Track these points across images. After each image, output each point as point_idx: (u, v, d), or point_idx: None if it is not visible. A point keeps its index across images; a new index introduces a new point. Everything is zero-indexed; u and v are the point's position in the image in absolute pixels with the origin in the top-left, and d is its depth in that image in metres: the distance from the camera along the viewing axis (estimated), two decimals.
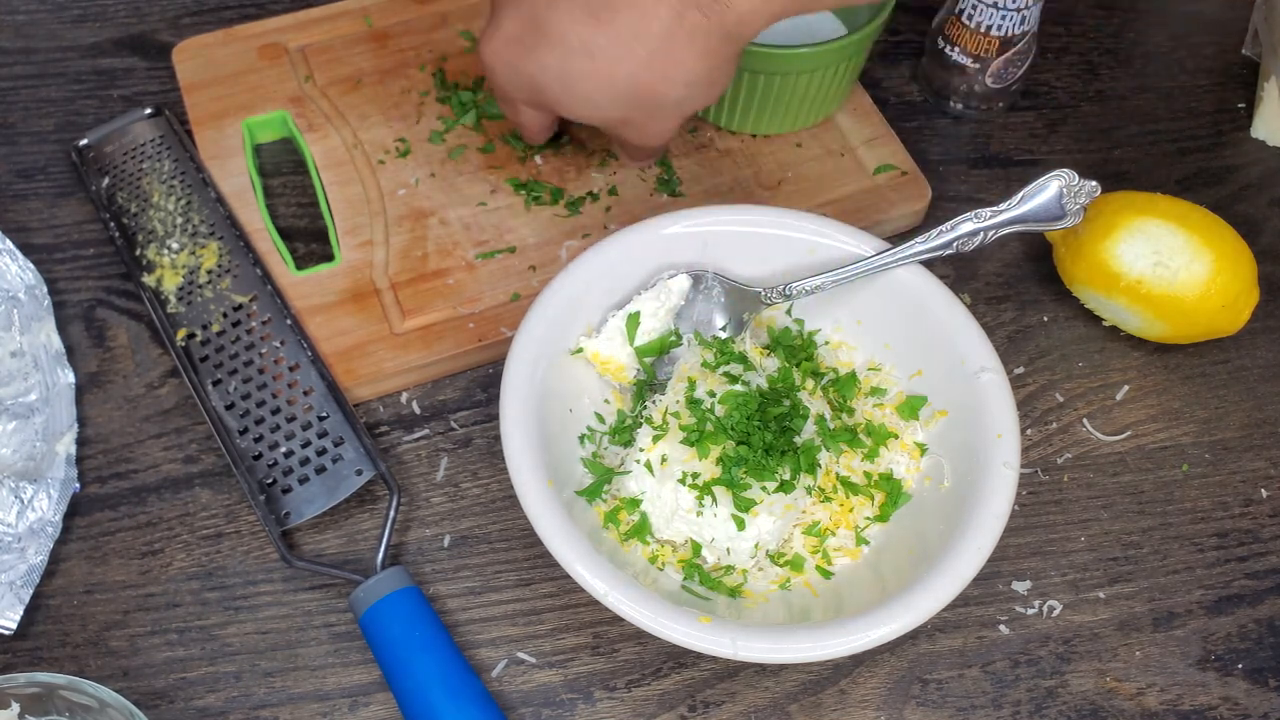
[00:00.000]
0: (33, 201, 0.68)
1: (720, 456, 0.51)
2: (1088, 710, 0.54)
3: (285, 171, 0.70)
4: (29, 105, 0.72)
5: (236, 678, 0.54)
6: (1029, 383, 0.63)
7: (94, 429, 0.60)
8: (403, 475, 0.60)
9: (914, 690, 0.54)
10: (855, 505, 0.54)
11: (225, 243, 0.64)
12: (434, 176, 0.68)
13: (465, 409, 0.62)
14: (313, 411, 0.59)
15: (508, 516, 0.59)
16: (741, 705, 0.54)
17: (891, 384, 0.58)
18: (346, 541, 0.58)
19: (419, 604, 0.53)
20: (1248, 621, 0.57)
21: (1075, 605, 0.57)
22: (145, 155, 0.68)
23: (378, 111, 0.70)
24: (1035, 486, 0.60)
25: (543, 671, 0.54)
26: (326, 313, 0.63)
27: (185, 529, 0.58)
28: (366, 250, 0.65)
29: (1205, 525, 0.59)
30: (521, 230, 0.66)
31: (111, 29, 0.76)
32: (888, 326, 0.58)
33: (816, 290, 0.57)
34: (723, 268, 0.59)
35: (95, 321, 0.64)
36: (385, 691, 0.54)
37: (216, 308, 0.62)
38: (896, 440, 0.56)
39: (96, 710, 0.48)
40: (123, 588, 0.56)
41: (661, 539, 0.53)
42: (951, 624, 0.56)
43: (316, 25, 0.74)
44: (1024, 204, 0.56)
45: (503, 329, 0.62)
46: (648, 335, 0.58)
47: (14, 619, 0.54)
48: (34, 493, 0.56)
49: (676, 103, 0.54)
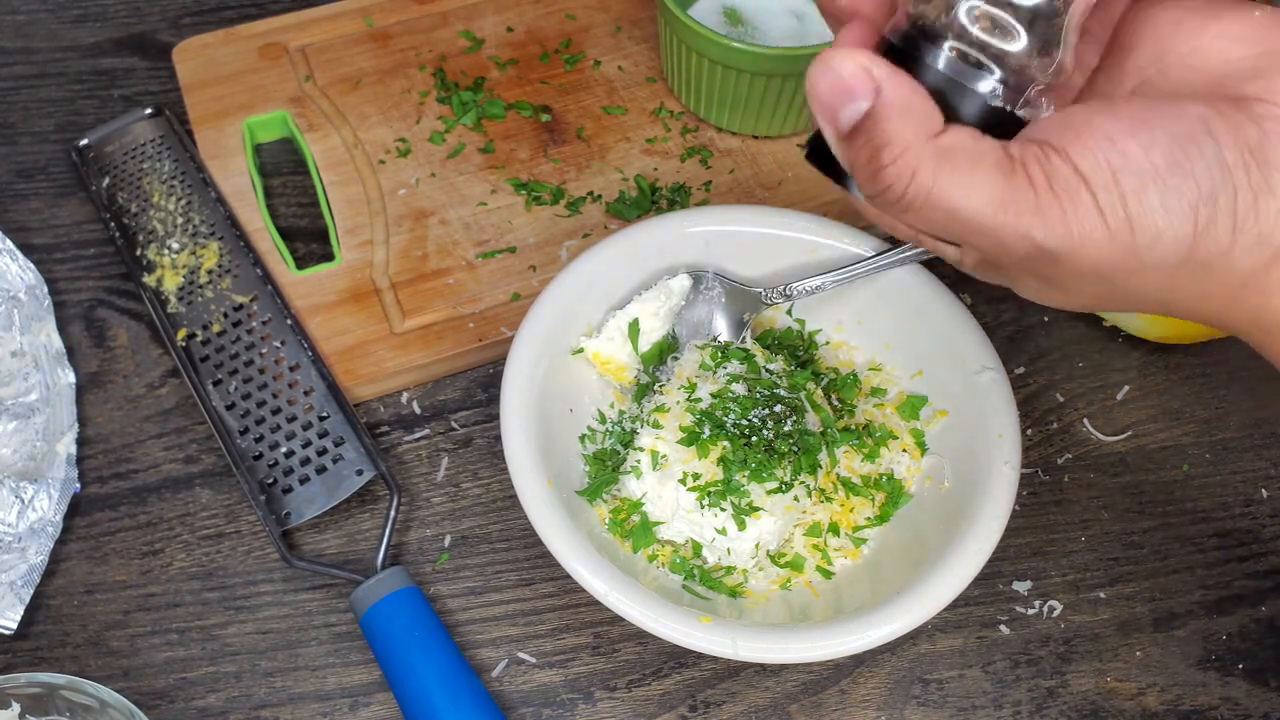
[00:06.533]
0: (33, 201, 0.68)
1: (721, 457, 0.51)
2: (1088, 710, 0.54)
3: (285, 171, 0.70)
4: (29, 105, 0.72)
5: (237, 678, 0.54)
6: (1029, 383, 0.63)
7: (94, 429, 0.60)
8: (403, 475, 0.60)
9: (914, 690, 0.54)
10: (855, 505, 0.54)
11: (225, 243, 0.64)
12: (434, 176, 0.68)
13: (466, 409, 0.62)
14: (313, 411, 0.59)
15: (508, 516, 0.59)
16: (742, 705, 0.54)
17: (892, 384, 0.58)
18: (347, 541, 0.58)
19: (419, 604, 0.53)
20: (1248, 622, 0.57)
21: (1075, 605, 0.57)
22: (145, 155, 0.68)
23: (378, 111, 0.70)
24: (1035, 486, 0.60)
25: (543, 671, 0.54)
26: (327, 313, 0.63)
27: (185, 529, 0.58)
28: (366, 250, 0.65)
29: (1206, 525, 0.59)
30: (522, 230, 0.66)
31: (111, 29, 0.76)
32: (888, 326, 0.58)
33: (817, 290, 0.57)
34: (723, 268, 0.59)
35: (95, 321, 0.64)
36: (386, 691, 0.54)
37: (217, 308, 0.62)
38: (897, 440, 0.56)
39: (97, 710, 0.48)
40: (123, 588, 0.56)
41: (662, 539, 0.53)
42: (952, 624, 0.56)
43: (316, 25, 0.74)
44: None
45: (503, 329, 0.62)
46: (648, 335, 0.58)
47: (14, 619, 0.54)
48: (34, 493, 0.56)
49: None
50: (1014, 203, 0.34)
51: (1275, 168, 0.33)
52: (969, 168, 0.34)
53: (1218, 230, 0.34)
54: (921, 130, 0.34)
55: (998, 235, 0.35)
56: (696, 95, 0.69)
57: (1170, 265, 0.34)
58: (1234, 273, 0.35)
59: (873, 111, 0.34)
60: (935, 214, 0.35)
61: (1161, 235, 0.34)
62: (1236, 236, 0.34)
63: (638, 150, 0.69)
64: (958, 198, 0.34)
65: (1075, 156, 0.33)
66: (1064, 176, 0.34)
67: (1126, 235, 0.34)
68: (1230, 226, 0.34)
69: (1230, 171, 0.33)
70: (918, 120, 0.34)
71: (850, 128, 0.35)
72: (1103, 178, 0.33)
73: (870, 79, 0.34)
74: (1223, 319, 0.37)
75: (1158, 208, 0.33)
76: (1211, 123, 0.33)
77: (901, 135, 0.34)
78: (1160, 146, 0.33)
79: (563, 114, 0.71)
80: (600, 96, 0.71)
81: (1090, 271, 0.35)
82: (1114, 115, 0.34)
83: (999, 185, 0.34)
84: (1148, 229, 0.33)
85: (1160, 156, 0.33)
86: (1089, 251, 0.34)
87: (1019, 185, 0.34)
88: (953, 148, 0.34)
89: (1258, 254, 0.34)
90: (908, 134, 0.34)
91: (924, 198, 0.35)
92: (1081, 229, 0.34)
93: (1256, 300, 0.35)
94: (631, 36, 0.74)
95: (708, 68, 0.66)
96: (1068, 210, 0.34)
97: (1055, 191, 0.34)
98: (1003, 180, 0.34)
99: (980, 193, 0.34)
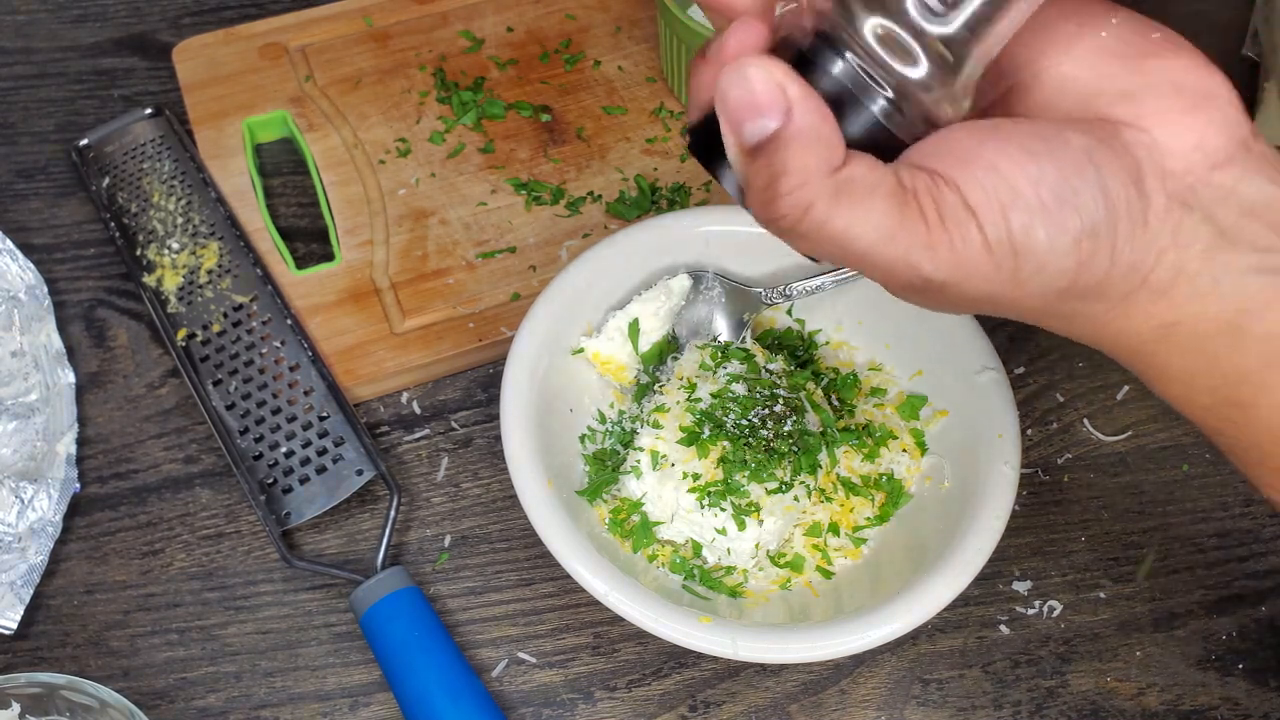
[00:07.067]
0: (33, 201, 0.68)
1: (721, 457, 0.51)
2: (1088, 710, 0.54)
3: (285, 171, 0.70)
4: (29, 105, 0.72)
5: (237, 678, 0.54)
6: (1029, 383, 0.63)
7: (94, 429, 0.60)
8: (403, 475, 0.60)
9: (914, 690, 0.54)
10: (855, 505, 0.54)
11: (225, 243, 0.64)
12: (434, 176, 0.68)
13: (466, 409, 0.62)
14: (313, 411, 0.59)
15: (508, 516, 0.59)
16: (742, 705, 0.54)
17: (892, 384, 0.58)
18: (347, 541, 0.58)
19: (419, 604, 0.53)
20: (1248, 621, 0.57)
21: (1075, 605, 0.57)
22: (145, 155, 0.68)
23: (378, 111, 0.70)
24: (1035, 486, 0.60)
25: (543, 671, 0.54)
26: (326, 312, 0.63)
27: (185, 529, 0.58)
28: (366, 250, 0.65)
29: (1206, 525, 0.59)
30: (522, 230, 0.66)
31: (111, 29, 0.76)
32: (888, 326, 0.58)
33: (817, 290, 0.57)
34: (723, 268, 0.59)
35: (95, 321, 0.64)
36: (386, 691, 0.54)
37: (217, 308, 0.62)
38: (897, 440, 0.56)
39: (97, 710, 0.48)
40: (123, 588, 0.56)
41: (662, 539, 0.53)
42: (952, 624, 0.56)
43: (317, 25, 0.74)
44: None
45: (503, 329, 0.62)
46: (648, 335, 0.58)
47: (14, 619, 0.54)
48: (34, 493, 0.56)
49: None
50: (905, 236, 0.34)
51: (1149, 197, 0.34)
52: (864, 199, 0.34)
53: (1097, 261, 0.34)
54: (824, 163, 0.33)
55: (888, 267, 0.35)
56: None
57: (1050, 293, 0.35)
58: (1106, 299, 0.36)
59: (779, 135, 0.33)
60: (825, 245, 0.35)
61: (1045, 268, 0.34)
62: (1113, 266, 0.34)
63: (638, 150, 0.69)
64: (853, 232, 0.34)
65: (965, 189, 0.33)
66: (954, 209, 0.34)
67: (1011, 267, 0.34)
68: (1108, 257, 0.34)
69: (1113, 201, 0.34)
70: (822, 152, 0.33)
71: (754, 145, 0.34)
72: (991, 213, 0.33)
73: (783, 98, 0.33)
74: (1095, 339, 0.38)
75: (1043, 242, 0.34)
76: (1095, 153, 0.34)
77: (803, 166, 0.33)
78: (1048, 180, 0.33)
79: (563, 114, 0.71)
80: (600, 96, 0.71)
81: (973, 297, 0.35)
82: (1001, 144, 0.34)
83: (892, 218, 0.34)
84: (1032, 262, 0.34)
85: (1048, 191, 0.33)
86: (975, 282, 0.34)
87: (911, 219, 0.34)
88: (850, 180, 0.34)
89: (1129, 281, 0.35)
90: (810, 165, 0.33)
91: (816, 230, 0.34)
92: (969, 262, 0.34)
93: (1121, 324, 0.36)
94: (631, 36, 0.74)
95: None
96: (956, 243, 0.34)
97: (946, 225, 0.34)
98: (896, 212, 0.34)
99: (872, 227, 0.34)
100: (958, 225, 0.33)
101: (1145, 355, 0.38)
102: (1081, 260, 0.34)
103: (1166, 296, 0.35)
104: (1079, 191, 0.33)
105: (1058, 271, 0.34)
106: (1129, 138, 0.34)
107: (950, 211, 0.33)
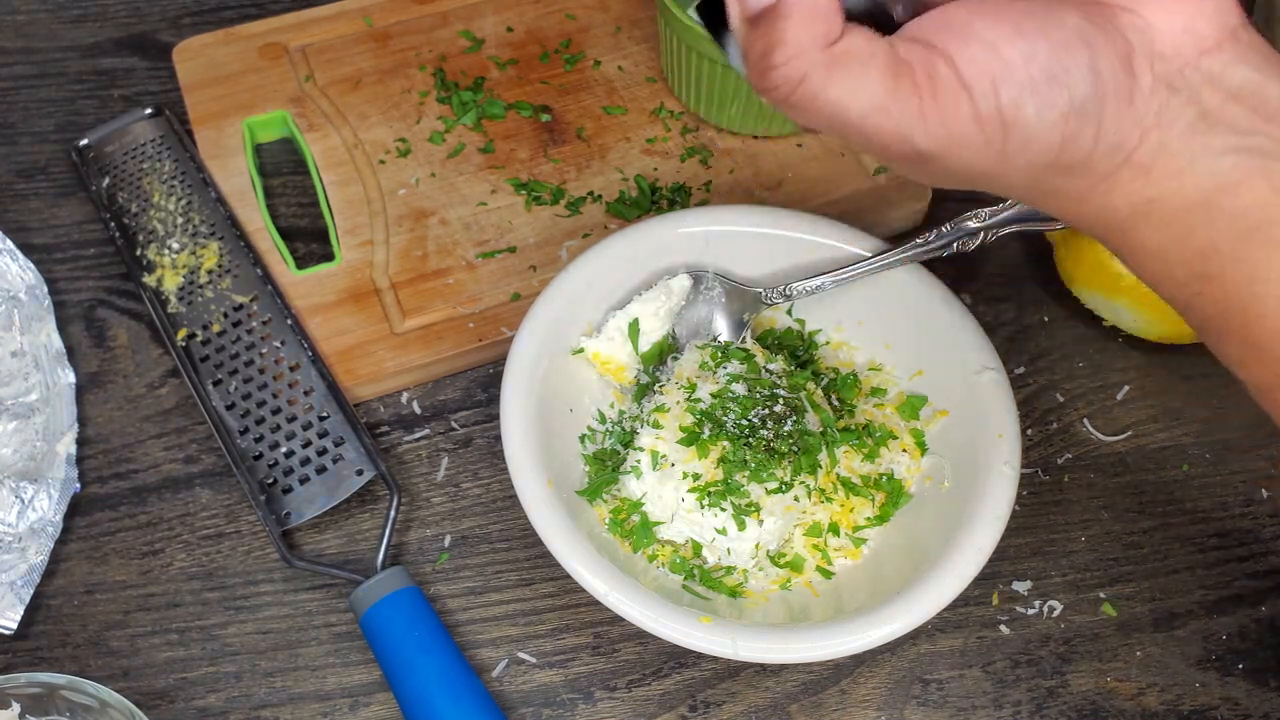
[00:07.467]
0: (33, 201, 0.68)
1: (721, 457, 0.51)
2: (1088, 710, 0.54)
3: (285, 171, 0.70)
4: (29, 105, 0.72)
5: (237, 678, 0.54)
6: (1029, 383, 0.63)
7: (94, 429, 0.60)
8: (403, 475, 0.60)
9: (914, 690, 0.54)
10: (855, 506, 0.54)
11: (225, 243, 0.64)
12: (434, 176, 0.68)
13: (466, 409, 0.62)
14: (313, 411, 0.59)
15: (508, 516, 0.59)
16: (742, 705, 0.54)
17: (892, 384, 0.58)
18: (347, 541, 0.58)
19: (419, 604, 0.53)
20: (1248, 622, 0.57)
21: (1075, 605, 0.57)
22: (145, 155, 0.68)
23: (378, 111, 0.70)
24: (1035, 486, 0.60)
25: (543, 671, 0.54)
26: (326, 312, 0.63)
27: (185, 529, 0.58)
28: (366, 250, 0.65)
29: (1206, 525, 0.59)
30: (522, 230, 0.66)
31: (111, 29, 0.76)
32: (888, 326, 0.58)
33: (817, 290, 0.57)
34: (723, 268, 0.59)
35: (95, 321, 0.64)
36: (386, 691, 0.54)
37: (217, 308, 0.62)
38: (897, 440, 0.56)
39: (97, 710, 0.48)
40: (123, 588, 0.56)
41: (662, 539, 0.53)
42: (952, 624, 0.56)
43: (316, 25, 0.74)
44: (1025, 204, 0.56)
45: (503, 329, 0.62)
46: (648, 335, 0.58)
47: (14, 619, 0.54)
48: (34, 493, 0.56)
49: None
50: (898, 108, 0.35)
51: (1136, 78, 0.35)
52: (859, 70, 0.35)
53: (1082, 138, 0.35)
54: (819, 36, 0.35)
55: (880, 138, 0.36)
56: (696, 95, 0.69)
57: (1035, 168, 0.36)
58: (1089, 176, 0.37)
59: (778, 5, 0.35)
60: (819, 117, 0.36)
61: (1031, 142, 0.35)
62: (1097, 144, 0.36)
63: (638, 150, 0.69)
64: (845, 104, 0.35)
65: (959, 62, 0.35)
66: (947, 82, 0.35)
67: (999, 141, 0.35)
68: (1094, 135, 0.35)
69: (1102, 81, 0.35)
70: (818, 24, 0.35)
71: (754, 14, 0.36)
72: (984, 87, 0.35)
73: None
74: (1076, 215, 0.39)
75: (1031, 116, 0.35)
76: (1088, 33, 0.35)
77: (797, 39, 0.35)
78: (1040, 58, 0.35)
79: (563, 114, 0.71)
80: (600, 96, 0.71)
81: (960, 169, 0.36)
82: (996, 21, 0.35)
83: (885, 89, 0.35)
84: (1019, 136, 0.35)
85: (1039, 69, 0.34)
86: (963, 153, 0.36)
87: (904, 90, 0.35)
88: (846, 52, 0.35)
89: (1111, 159, 0.36)
90: (804, 39, 0.35)
91: (809, 101, 0.36)
92: (959, 134, 0.35)
93: (1102, 201, 0.37)
94: (631, 36, 0.74)
95: (708, 68, 0.66)
96: (948, 116, 0.35)
97: (938, 97, 0.35)
98: (890, 83, 0.35)
99: (866, 98, 0.35)
100: (950, 98, 0.35)
101: (1124, 231, 0.39)
102: (1067, 136, 0.35)
103: (1147, 174, 0.36)
104: (1069, 70, 0.35)
105: (1044, 146, 0.35)
106: (1122, 20, 0.35)
107: (943, 84, 0.35)
